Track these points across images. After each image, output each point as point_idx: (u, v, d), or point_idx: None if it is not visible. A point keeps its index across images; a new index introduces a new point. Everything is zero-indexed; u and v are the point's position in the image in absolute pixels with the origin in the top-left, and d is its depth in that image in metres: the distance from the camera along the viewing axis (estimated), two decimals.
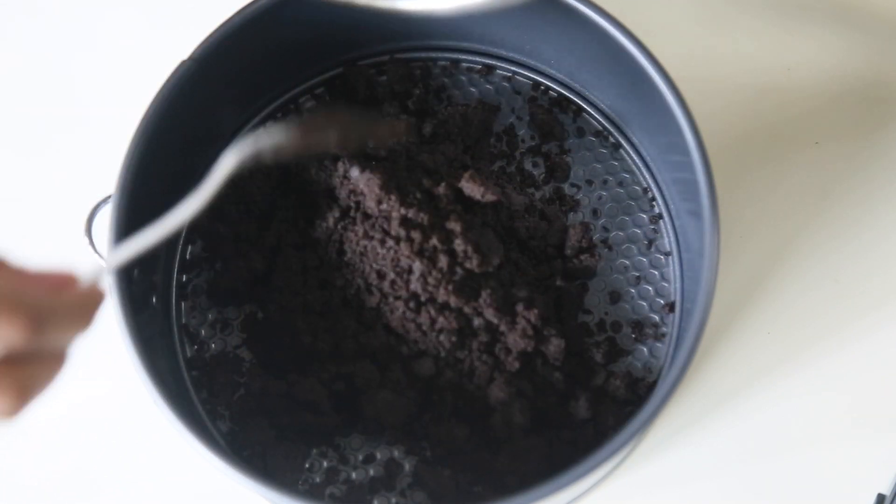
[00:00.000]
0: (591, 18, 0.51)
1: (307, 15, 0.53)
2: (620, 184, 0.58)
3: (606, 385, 0.54)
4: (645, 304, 0.56)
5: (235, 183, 0.57)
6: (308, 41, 0.57)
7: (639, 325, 0.55)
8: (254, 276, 0.55)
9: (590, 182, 0.59)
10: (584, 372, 0.54)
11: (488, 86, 0.60)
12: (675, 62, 0.50)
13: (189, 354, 0.55)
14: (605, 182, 0.58)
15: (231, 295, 0.56)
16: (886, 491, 0.55)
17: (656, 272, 0.56)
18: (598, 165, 0.59)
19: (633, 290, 0.56)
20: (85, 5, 0.69)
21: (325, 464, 0.53)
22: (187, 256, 0.57)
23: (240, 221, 0.57)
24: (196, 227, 0.57)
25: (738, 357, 0.59)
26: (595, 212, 0.58)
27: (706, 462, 0.57)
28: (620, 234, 0.57)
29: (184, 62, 0.51)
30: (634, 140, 0.58)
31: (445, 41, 0.60)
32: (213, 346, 0.55)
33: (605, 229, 0.57)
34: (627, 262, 0.57)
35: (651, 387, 0.54)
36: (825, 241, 0.61)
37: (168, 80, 0.50)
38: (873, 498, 0.55)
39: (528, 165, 0.59)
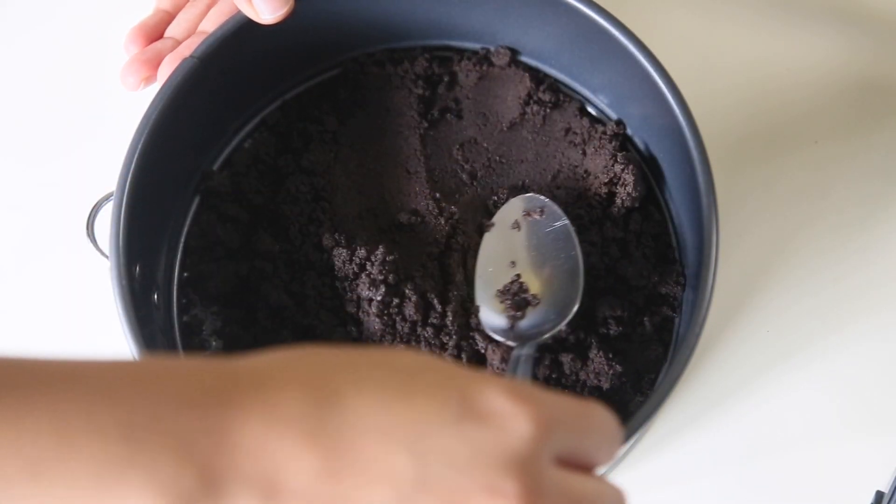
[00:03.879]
0: (590, 15, 0.51)
1: (308, 14, 0.53)
2: None
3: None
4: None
5: (236, 183, 0.57)
6: (308, 41, 0.57)
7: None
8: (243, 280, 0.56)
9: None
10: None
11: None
12: (675, 62, 0.51)
13: (190, 351, 0.55)
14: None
15: (231, 293, 0.56)
16: (885, 489, 0.55)
17: (656, 271, 0.57)
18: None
19: None
20: (88, 4, 0.70)
21: None
22: (188, 254, 0.57)
23: (237, 222, 0.57)
24: (198, 224, 0.57)
25: (737, 355, 0.59)
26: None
27: (705, 460, 0.58)
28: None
29: (187, 60, 0.51)
30: (635, 139, 0.58)
31: (446, 40, 0.60)
32: (213, 343, 0.55)
33: None
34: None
35: (650, 384, 0.54)
36: (824, 240, 0.61)
37: (171, 77, 0.50)
38: (872, 496, 0.55)
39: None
